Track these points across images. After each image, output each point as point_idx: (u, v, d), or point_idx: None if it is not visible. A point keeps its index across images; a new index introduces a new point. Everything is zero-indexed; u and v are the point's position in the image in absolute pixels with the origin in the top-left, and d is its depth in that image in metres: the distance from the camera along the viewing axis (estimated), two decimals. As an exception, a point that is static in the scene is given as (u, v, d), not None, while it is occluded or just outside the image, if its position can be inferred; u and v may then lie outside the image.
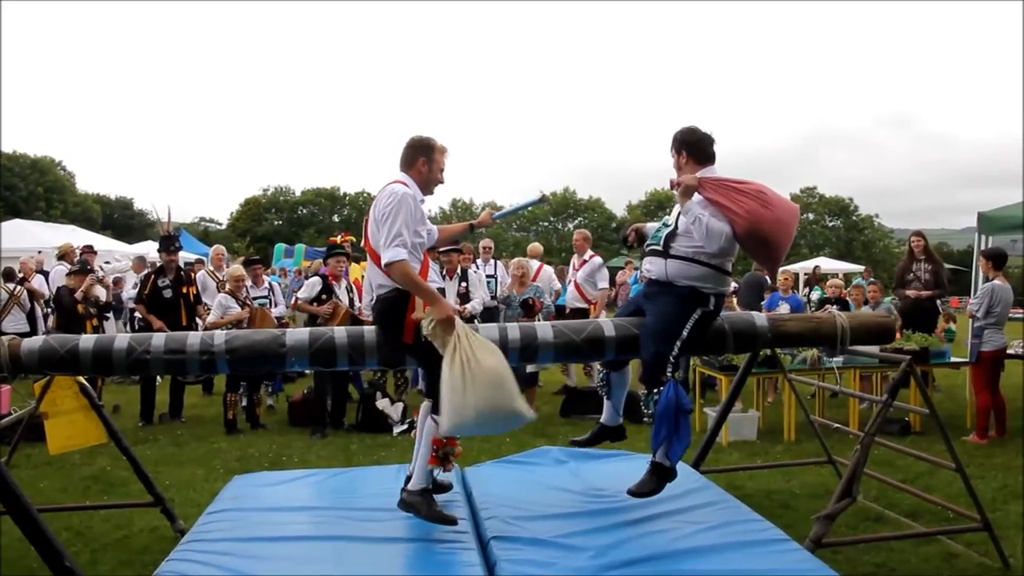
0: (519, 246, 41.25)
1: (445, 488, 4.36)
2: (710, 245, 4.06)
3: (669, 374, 4.01)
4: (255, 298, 8.76)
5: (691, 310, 4.12)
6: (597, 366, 9.59)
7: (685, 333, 4.08)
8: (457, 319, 3.83)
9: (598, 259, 10.06)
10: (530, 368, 8.75)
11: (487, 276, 9.61)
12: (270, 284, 9.53)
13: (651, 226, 4.66)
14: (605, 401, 4.66)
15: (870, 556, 4.64)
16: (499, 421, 3.75)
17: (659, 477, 4.14)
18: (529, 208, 9.62)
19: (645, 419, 4.06)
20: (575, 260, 10.18)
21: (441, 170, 4.20)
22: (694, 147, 4.30)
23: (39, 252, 14.05)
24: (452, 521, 3.90)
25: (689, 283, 4.13)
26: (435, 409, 3.93)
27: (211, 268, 10.78)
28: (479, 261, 10.12)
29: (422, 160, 4.12)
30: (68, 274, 9.89)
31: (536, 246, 11.85)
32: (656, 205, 51.84)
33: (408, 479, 4.15)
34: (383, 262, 3.84)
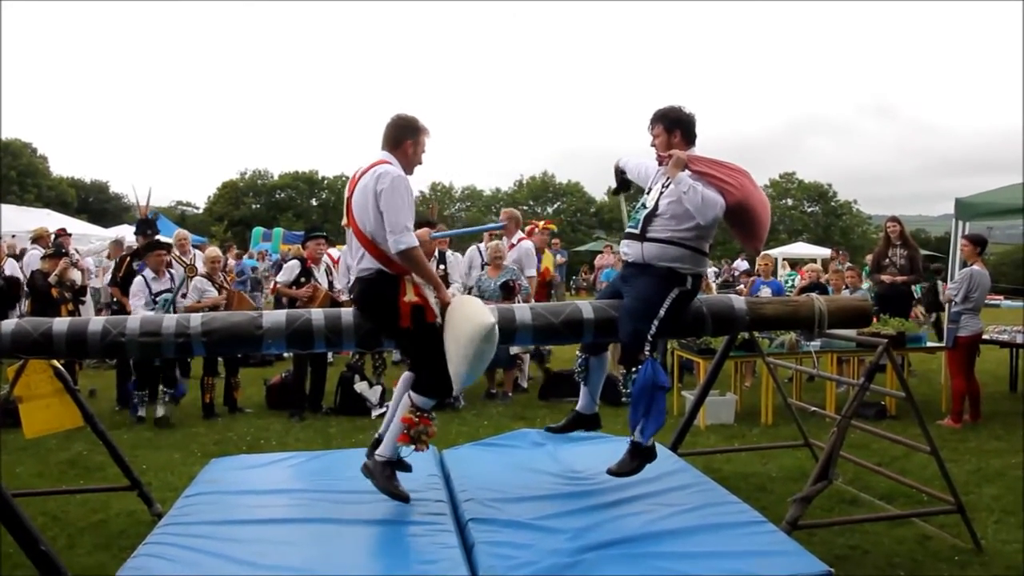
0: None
1: (405, 468, 4.18)
2: (704, 215, 4.04)
3: (648, 353, 4.03)
4: (158, 292, 7.91)
5: (668, 289, 4.13)
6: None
7: (663, 312, 4.09)
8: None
9: (528, 243, 9.24)
10: (514, 350, 8.76)
11: None
12: (171, 275, 8.26)
13: (633, 163, 4.67)
14: (582, 387, 4.67)
15: (845, 538, 4.69)
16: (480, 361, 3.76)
17: (638, 457, 4.16)
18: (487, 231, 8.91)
19: (624, 399, 4.07)
20: (503, 243, 9.20)
21: (423, 152, 4.17)
22: (688, 127, 4.33)
23: (13, 236, 13.89)
24: (405, 498, 3.93)
25: (667, 264, 4.14)
26: (416, 387, 3.93)
27: (177, 253, 10.62)
28: None
29: (409, 142, 4.08)
30: (43, 258, 9.75)
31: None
32: (638, 189, 51.77)
33: (376, 443, 4.13)
34: (396, 248, 3.80)
